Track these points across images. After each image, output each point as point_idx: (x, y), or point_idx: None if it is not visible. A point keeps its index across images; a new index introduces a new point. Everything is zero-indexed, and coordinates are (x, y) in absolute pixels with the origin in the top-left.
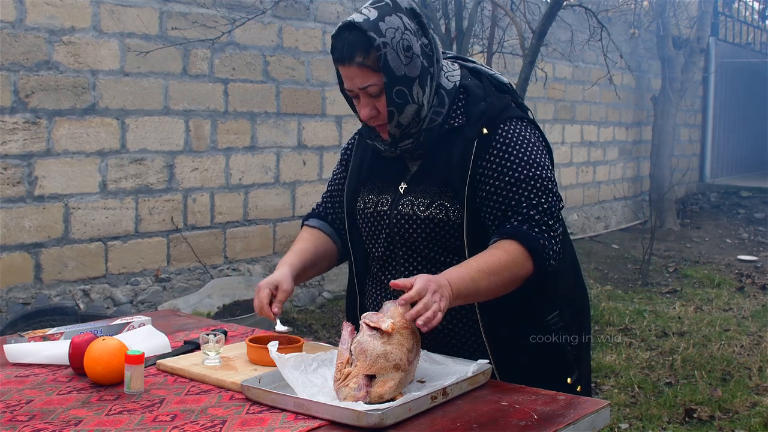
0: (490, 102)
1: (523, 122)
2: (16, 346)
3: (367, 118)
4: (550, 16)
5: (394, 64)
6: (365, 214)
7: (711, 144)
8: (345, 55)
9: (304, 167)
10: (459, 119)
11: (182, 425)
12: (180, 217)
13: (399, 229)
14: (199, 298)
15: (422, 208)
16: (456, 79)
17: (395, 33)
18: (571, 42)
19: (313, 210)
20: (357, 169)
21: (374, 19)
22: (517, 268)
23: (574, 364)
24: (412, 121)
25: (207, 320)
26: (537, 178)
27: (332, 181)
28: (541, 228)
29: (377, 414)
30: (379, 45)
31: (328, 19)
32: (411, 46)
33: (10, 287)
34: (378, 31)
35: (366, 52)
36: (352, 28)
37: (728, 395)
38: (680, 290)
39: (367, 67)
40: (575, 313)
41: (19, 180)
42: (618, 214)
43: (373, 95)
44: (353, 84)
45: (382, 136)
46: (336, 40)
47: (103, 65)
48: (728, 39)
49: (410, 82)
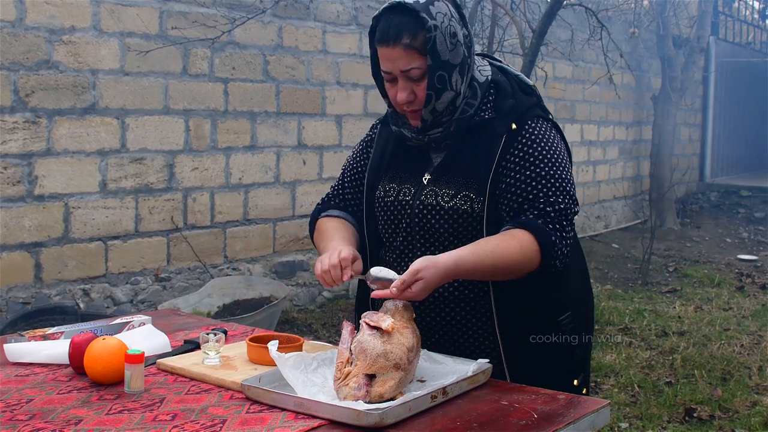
0: (518, 99)
1: (548, 123)
2: (16, 345)
3: (404, 102)
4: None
5: (441, 48)
6: (385, 202)
7: (711, 143)
8: (391, 35)
9: (304, 167)
10: (489, 113)
11: (182, 424)
12: (180, 216)
13: (421, 220)
14: (199, 298)
15: (447, 199)
16: (487, 74)
17: (444, 18)
18: (571, 41)
19: (327, 202)
20: (378, 158)
21: (425, 2)
22: (525, 259)
23: (580, 365)
24: (446, 108)
25: (207, 319)
26: (558, 178)
27: (349, 170)
28: (555, 226)
29: (377, 413)
30: (431, 27)
31: (328, 19)
32: (456, 33)
33: (10, 287)
34: (429, 13)
35: (414, 34)
36: (403, 10)
37: (728, 394)
38: (680, 290)
39: (414, 49)
40: (584, 313)
41: (19, 179)
42: (618, 213)
43: (414, 79)
44: (395, 66)
45: (411, 122)
46: (380, 20)
47: (103, 65)
48: (728, 38)
49: (452, 69)
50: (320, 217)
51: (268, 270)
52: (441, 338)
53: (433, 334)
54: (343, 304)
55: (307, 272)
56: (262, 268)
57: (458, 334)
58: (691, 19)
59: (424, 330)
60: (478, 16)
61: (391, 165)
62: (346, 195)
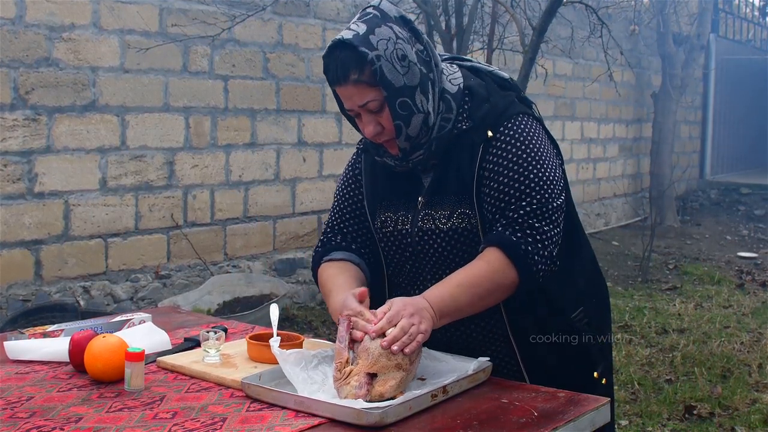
0: (493, 101)
1: (525, 118)
2: (16, 343)
3: (372, 136)
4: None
5: (391, 75)
6: (384, 233)
7: (711, 141)
8: (339, 75)
9: (304, 164)
10: (465, 123)
11: (182, 422)
12: (180, 213)
13: (423, 246)
14: (199, 295)
15: (443, 221)
16: (459, 81)
17: (387, 44)
18: (572, 39)
19: (326, 243)
20: (371, 188)
21: (364, 33)
22: (500, 277)
23: (599, 357)
24: (420, 131)
25: (207, 317)
26: (530, 176)
27: (342, 205)
28: (525, 232)
29: (377, 412)
30: (373, 59)
31: (328, 16)
32: (406, 54)
33: (11, 284)
34: (369, 44)
35: (360, 69)
36: (343, 47)
37: (728, 392)
38: (680, 287)
39: (364, 83)
40: (597, 308)
41: (19, 177)
42: (618, 211)
43: (375, 111)
44: (352, 103)
45: (391, 151)
46: (328, 60)
47: (103, 62)
48: (728, 36)
49: (412, 92)
50: (322, 262)
51: (268, 267)
52: (453, 346)
53: (446, 342)
54: None
55: (307, 269)
56: (262, 265)
57: (472, 342)
58: (691, 17)
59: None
60: (478, 14)
61: (383, 193)
62: (346, 229)
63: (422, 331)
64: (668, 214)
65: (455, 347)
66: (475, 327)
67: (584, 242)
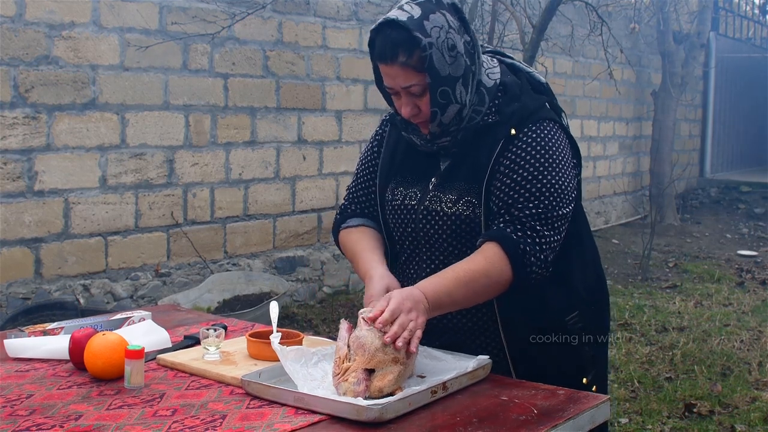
0: (523, 101)
1: (551, 124)
2: (16, 341)
3: (408, 116)
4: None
5: (439, 64)
6: (393, 206)
7: (711, 139)
8: (388, 53)
9: (304, 162)
10: (492, 117)
11: (182, 420)
12: (180, 212)
13: (425, 225)
14: (199, 293)
15: (449, 205)
16: (496, 76)
17: (440, 32)
18: (572, 37)
19: (344, 210)
20: (389, 160)
21: (418, 18)
22: (495, 273)
23: (590, 363)
24: (453, 120)
25: (207, 315)
26: (543, 182)
27: (361, 171)
28: (526, 233)
29: (377, 408)
30: (425, 46)
31: (327, 14)
32: (455, 45)
33: (11, 282)
34: (423, 30)
35: (410, 53)
36: (396, 27)
37: (728, 390)
38: (680, 285)
39: (411, 67)
40: (595, 313)
41: (19, 175)
42: (618, 209)
43: (416, 95)
44: (395, 83)
45: (422, 130)
46: (376, 36)
47: (103, 60)
48: (729, 34)
49: (454, 82)
50: (341, 228)
51: (268, 265)
52: (445, 342)
53: (438, 337)
54: (343, 300)
55: (306, 268)
56: (262, 263)
57: (462, 337)
58: (691, 15)
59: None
60: (478, 12)
61: (401, 168)
62: (360, 198)
63: (419, 325)
64: (668, 212)
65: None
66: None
67: (589, 248)
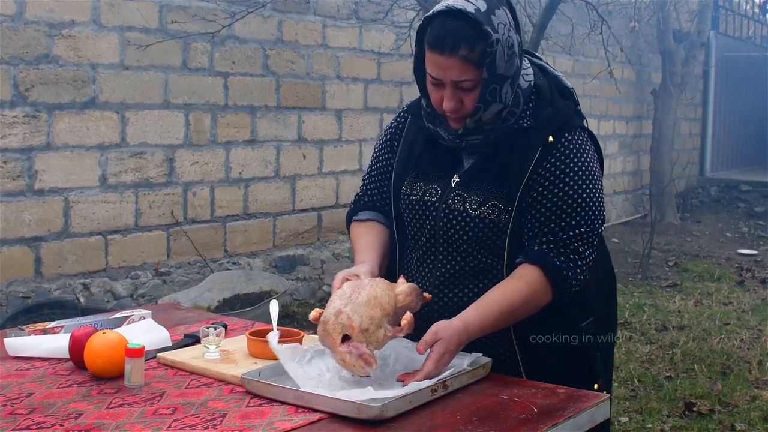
0: (557, 107)
1: (584, 133)
2: (16, 339)
3: (450, 111)
4: (550, 10)
5: (500, 62)
6: (411, 201)
7: (711, 138)
8: (447, 44)
9: (304, 161)
10: (527, 121)
11: (182, 418)
12: (180, 210)
13: (446, 224)
14: (199, 292)
15: (474, 207)
16: (530, 78)
17: (504, 29)
18: (572, 35)
19: (357, 201)
20: (407, 152)
21: (486, 11)
22: (537, 299)
23: (602, 369)
24: (491, 118)
25: (207, 314)
26: (585, 199)
27: (376, 164)
28: (569, 257)
29: (377, 406)
30: (493, 41)
31: (327, 13)
32: (513, 44)
33: (11, 281)
34: (492, 25)
35: (473, 46)
36: (461, 17)
37: (728, 389)
38: (680, 284)
39: (470, 62)
40: (606, 319)
41: (19, 174)
42: (618, 208)
43: (465, 89)
44: (446, 75)
45: (452, 124)
46: (433, 24)
47: (103, 59)
48: (729, 33)
49: (504, 81)
50: (352, 221)
51: (268, 264)
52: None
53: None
54: None
55: (307, 266)
56: (262, 262)
57: (475, 341)
58: (691, 14)
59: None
60: None
61: (419, 161)
62: (377, 190)
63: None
64: (668, 211)
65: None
66: None
67: (603, 251)
